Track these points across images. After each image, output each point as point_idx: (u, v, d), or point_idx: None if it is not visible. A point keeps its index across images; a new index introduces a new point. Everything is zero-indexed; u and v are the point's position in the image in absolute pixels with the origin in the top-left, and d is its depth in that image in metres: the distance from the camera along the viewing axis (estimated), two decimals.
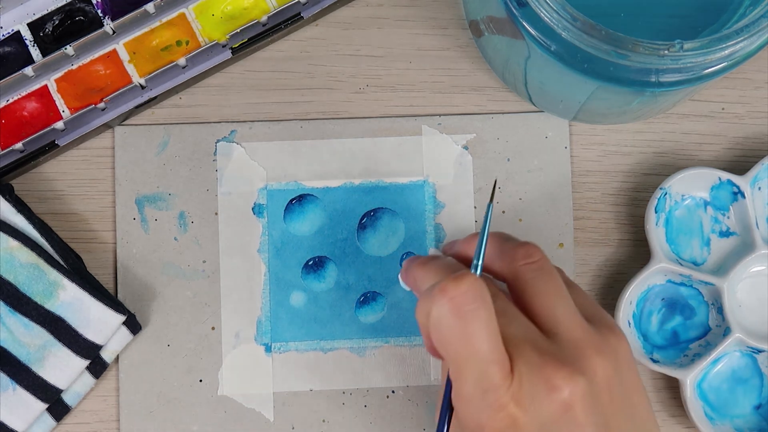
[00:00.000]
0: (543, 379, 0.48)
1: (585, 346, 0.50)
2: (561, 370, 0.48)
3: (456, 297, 0.48)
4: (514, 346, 0.49)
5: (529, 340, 0.50)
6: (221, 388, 0.66)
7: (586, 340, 0.50)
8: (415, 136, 0.67)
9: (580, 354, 0.50)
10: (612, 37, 0.52)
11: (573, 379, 0.48)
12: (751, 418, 0.65)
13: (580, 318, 0.51)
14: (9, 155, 0.65)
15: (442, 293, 0.49)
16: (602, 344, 0.51)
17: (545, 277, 0.52)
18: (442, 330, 0.49)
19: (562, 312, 0.51)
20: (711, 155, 0.68)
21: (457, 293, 0.48)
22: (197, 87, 0.67)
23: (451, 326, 0.49)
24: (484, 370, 0.48)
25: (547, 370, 0.48)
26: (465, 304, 0.48)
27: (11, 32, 0.65)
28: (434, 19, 0.68)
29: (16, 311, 0.63)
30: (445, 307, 0.49)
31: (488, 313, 0.48)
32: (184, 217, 0.66)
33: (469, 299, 0.48)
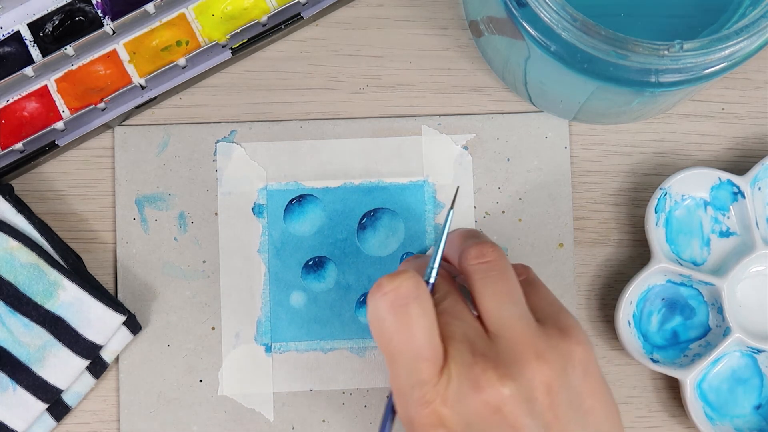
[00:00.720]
0: (470, 378, 0.49)
1: (525, 349, 0.50)
2: (489, 372, 0.49)
3: (390, 292, 0.50)
4: (451, 344, 0.50)
5: (467, 339, 0.50)
6: (221, 388, 0.66)
7: (528, 343, 0.50)
8: (414, 137, 0.67)
9: (517, 357, 0.50)
10: (612, 37, 0.52)
11: (502, 382, 0.49)
12: (751, 418, 0.65)
13: (527, 321, 0.51)
14: (9, 155, 0.65)
15: (378, 288, 0.50)
16: (546, 348, 0.50)
17: (495, 278, 0.52)
18: (377, 324, 0.50)
19: (508, 314, 0.51)
20: (711, 155, 0.68)
21: (390, 288, 0.50)
22: (197, 87, 0.67)
23: (385, 320, 0.50)
24: (414, 365, 0.49)
25: (476, 370, 0.49)
26: (399, 299, 0.50)
27: (11, 32, 0.65)
28: (434, 19, 0.68)
29: (16, 311, 0.63)
30: (380, 302, 0.50)
31: (422, 310, 0.50)
32: (184, 218, 0.66)
33: (402, 295, 0.50)
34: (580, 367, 0.51)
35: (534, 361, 0.50)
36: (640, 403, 0.67)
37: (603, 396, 0.52)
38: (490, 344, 0.51)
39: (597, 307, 0.67)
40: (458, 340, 0.50)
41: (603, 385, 0.52)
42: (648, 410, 0.67)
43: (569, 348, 0.51)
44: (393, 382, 0.51)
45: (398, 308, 0.50)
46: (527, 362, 0.50)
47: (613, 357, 0.67)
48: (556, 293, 0.65)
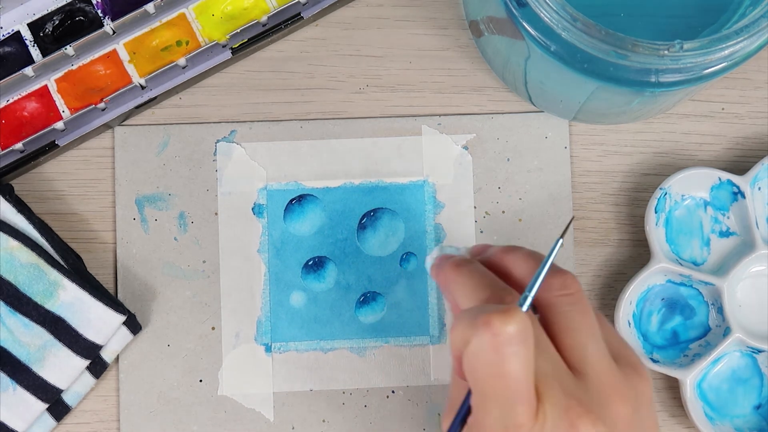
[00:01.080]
0: (567, 422, 0.47)
1: (611, 391, 0.49)
2: (585, 417, 0.47)
3: (501, 335, 0.46)
4: (543, 383, 0.48)
5: (558, 378, 0.49)
6: (221, 388, 0.66)
7: (612, 384, 0.49)
8: (414, 136, 0.67)
9: (605, 399, 0.49)
10: (612, 37, 0.52)
11: (596, 426, 0.47)
12: (751, 418, 0.65)
13: (609, 360, 0.50)
14: (9, 155, 0.65)
15: (487, 327, 0.47)
16: (627, 388, 0.50)
17: (580, 312, 0.51)
18: (478, 362, 0.47)
19: (593, 352, 0.50)
20: (711, 155, 0.68)
21: (503, 331, 0.46)
22: (197, 87, 0.67)
23: (488, 361, 0.47)
24: (511, 408, 0.47)
25: (572, 414, 0.47)
26: (509, 344, 0.46)
27: (11, 32, 0.65)
28: (434, 19, 0.68)
29: (17, 311, 0.63)
30: (487, 342, 0.47)
31: (529, 355, 0.47)
32: (184, 218, 0.66)
33: (514, 340, 0.46)
34: (647, 404, 0.51)
35: (620, 402, 0.49)
36: None
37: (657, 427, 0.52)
38: (578, 384, 0.49)
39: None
40: (550, 378, 0.48)
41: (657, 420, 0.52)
42: None
43: (641, 386, 0.51)
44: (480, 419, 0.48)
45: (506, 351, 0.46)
46: (614, 403, 0.49)
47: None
48: None
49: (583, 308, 0.51)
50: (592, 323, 0.51)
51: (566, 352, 0.50)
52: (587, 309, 0.51)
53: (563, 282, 0.51)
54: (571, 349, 0.50)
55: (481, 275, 0.52)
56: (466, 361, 0.48)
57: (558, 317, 0.51)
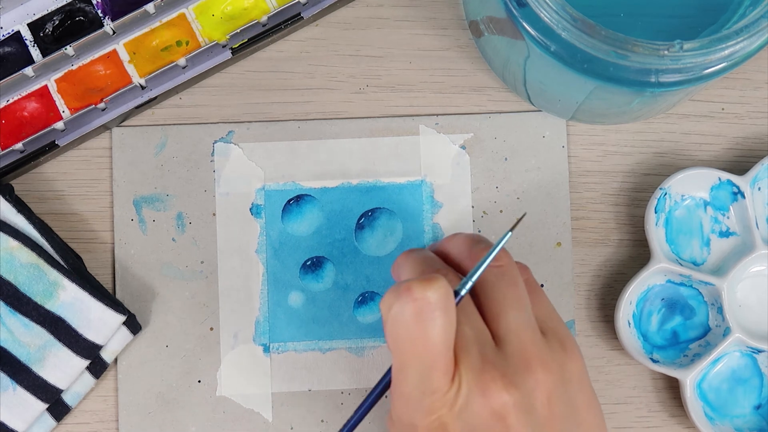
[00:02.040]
0: (480, 386, 0.49)
1: (530, 359, 0.50)
2: (499, 380, 0.49)
3: (420, 299, 0.48)
4: (461, 349, 0.49)
5: (478, 344, 0.50)
6: (220, 389, 0.66)
7: (534, 353, 0.50)
8: (412, 136, 0.67)
9: (523, 366, 0.50)
10: (612, 37, 0.52)
11: (508, 390, 0.49)
12: (751, 418, 0.65)
13: (534, 330, 0.51)
14: (9, 155, 0.65)
15: (408, 292, 0.49)
16: (549, 359, 0.51)
17: (506, 283, 0.52)
18: (398, 328, 0.49)
19: (516, 321, 0.51)
20: (711, 155, 0.68)
21: (421, 295, 0.48)
22: (197, 87, 0.68)
23: (407, 326, 0.49)
24: (427, 374, 0.48)
25: (486, 378, 0.49)
26: (427, 308, 0.48)
27: (11, 32, 0.65)
28: (434, 19, 0.68)
29: (16, 311, 0.63)
30: (407, 306, 0.49)
31: (448, 322, 0.49)
32: (181, 218, 0.66)
33: (432, 305, 0.48)
34: (576, 380, 0.52)
35: (540, 371, 0.50)
36: (640, 403, 0.67)
37: (595, 409, 0.52)
38: (497, 351, 0.50)
39: (597, 307, 0.67)
40: (470, 344, 0.50)
41: (595, 398, 0.53)
42: (648, 410, 0.67)
43: (568, 360, 0.52)
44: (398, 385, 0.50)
45: (425, 316, 0.48)
46: (532, 372, 0.50)
47: (613, 357, 0.67)
48: (554, 293, 0.66)
49: (511, 280, 0.52)
50: (520, 294, 0.52)
51: (491, 321, 0.52)
52: (516, 281, 0.52)
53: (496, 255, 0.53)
54: (496, 318, 0.51)
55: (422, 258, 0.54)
56: (388, 327, 0.49)
57: (486, 288, 0.52)
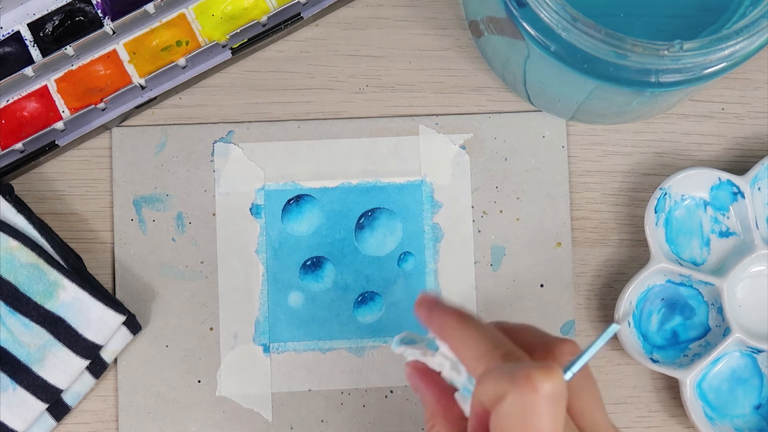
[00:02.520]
0: None
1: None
2: None
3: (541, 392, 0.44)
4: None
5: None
6: (220, 389, 0.66)
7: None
8: (412, 136, 0.67)
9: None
10: (612, 37, 0.52)
11: None
12: (751, 418, 0.65)
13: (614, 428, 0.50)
14: (9, 155, 0.65)
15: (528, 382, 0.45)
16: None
17: (588, 380, 0.50)
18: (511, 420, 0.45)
19: (600, 419, 0.50)
20: (711, 155, 0.68)
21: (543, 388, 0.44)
22: (197, 87, 0.68)
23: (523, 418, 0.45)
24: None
25: None
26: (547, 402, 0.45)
27: (11, 32, 0.65)
28: (434, 19, 0.68)
29: (16, 311, 0.63)
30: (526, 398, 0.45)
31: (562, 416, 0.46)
32: (181, 218, 0.66)
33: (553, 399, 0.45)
34: None
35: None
36: (640, 403, 0.67)
37: None
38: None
39: (597, 307, 0.67)
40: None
41: None
42: (648, 410, 0.67)
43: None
44: None
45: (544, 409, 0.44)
46: None
47: (613, 357, 0.67)
48: (554, 293, 0.66)
49: (590, 377, 0.50)
50: (598, 391, 0.50)
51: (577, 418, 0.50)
52: (593, 378, 0.50)
53: (572, 349, 0.50)
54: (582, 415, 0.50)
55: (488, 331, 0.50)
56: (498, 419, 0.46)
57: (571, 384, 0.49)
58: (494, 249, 0.67)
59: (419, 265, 0.66)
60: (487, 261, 0.67)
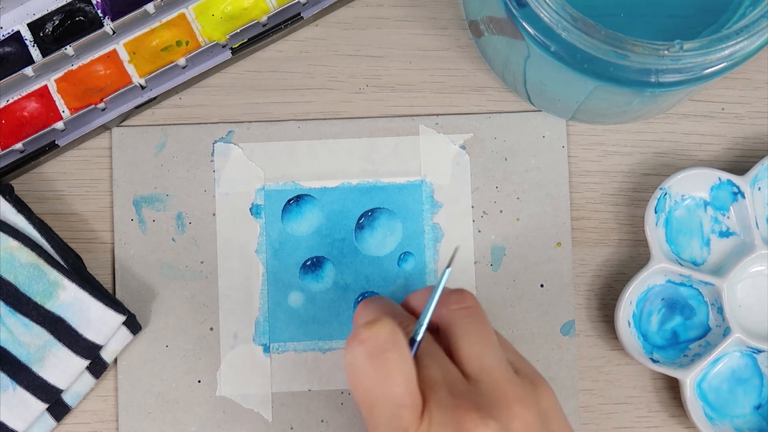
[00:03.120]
0: (453, 421, 0.48)
1: (505, 394, 0.50)
2: (472, 413, 0.48)
3: (368, 340, 0.49)
4: (430, 389, 0.49)
5: (446, 382, 0.50)
6: (220, 389, 0.66)
7: (509, 389, 0.50)
8: (412, 136, 0.67)
9: (499, 401, 0.50)
10: (612, 37, 0.52)
11: (484, 422, 0.48)
12: (751, 418, 0.65)
13: (506, 368, 0.51)
14: (9, 155, 0.65)
15: (355, 337, 0.50)
16: (524, 394, 0.50)
17: (476, 324, 0.52)
18: (355, 373, 0.50)
19: (488, 360, 0.51)
20: (711, 155, 0.68)
21: (368, 336, 0.49)
22: (197, 87, 0.68)
23: (363, 369, 0.50)
24: (394, 412, 0.49)
25: (459, 413, 0.48)
26: (378, 348, 0.49)
27: (11, 32, 0.65)
28: (434, 19, 0.68)
29: (16, 311, 0.63)
30: (358, 350, 0.50)
31: (401, 357, 0.49)
32: (181, 218, 0.66)
33: (381, 343, 0.49)
34: (552, 414, 0.52)
35: (515, 405, 0.50)
36: (640, 403, 0.67)
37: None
38: (470, 388, 0.50)
39: (597, 307, 0.67)
40: (438, 383, 0.50)
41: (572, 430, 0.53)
42: (648, 410, 0.67)
43: (542, 395, 0.52)
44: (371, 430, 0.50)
45: (377, 356, 0.49)
46: (509, 406, 0.49)
47: (613, 357, 0.67)
48: (554, 292, 0.66)
49: (478, 320, 0.52)
50: (488, 334, 0.52)
51: (463, 362, 0.51)
52: (483, 321, 0.53)
53: (460, 297, 0.53)
54: (467, 359, 0.51)
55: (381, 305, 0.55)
56: (349, 377, 0.51)
57: (455, 329, 0.52)
58: (494, 249, 0.67)
59: (419, 265, 0.66)
60: (487, 261, 0.67)
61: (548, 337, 0.66)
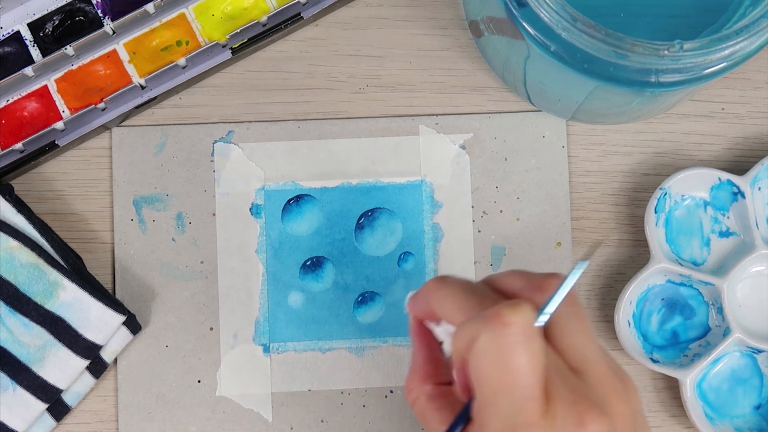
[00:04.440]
0: (575, 417, 0.46)
1: (610, 390, 0.48)
2: (594, 409, 0.47)
3: (511, 326, 0.45)
4: (550, 381, 0.47)
5: (560, 374, 0.48)
6: (220, 389, 0.66)
7: (612, 384, 0.49)
8: (412, 136, 0.67)
9: (606, 396, 0.48)
10: (612, 37, 0.52)
11: (601, 419, 0.47)
12: (751, 418, 0.65)
13: (607, 362, 0.50)
14: (9, 155, 0.65)
15: (497, 319, 0.45)
16: (623, 391, 0.49)
17: (577, 315, 0.50)
18: (486, 358, 0.46)
19: (592, 352, 0.49)
20: (711, 155, 0.68)
21: (513, 322, 0.45)
22: (197, 87, 0.68)
23: (498, 355, 0.46)
24: (520, 405, 0.46)
25: (579, 408, 0.47)
26: (519, 336, 0.45)
27: (11, 32, 0.65)
28: (434, 19, 0.68)
29: (16, 311, 0.63)
30: (497, 335, 0.45)
31: (540, 347, 0.46)
32: (181, 218, 0.66)
33: (525, 333, 0.45)
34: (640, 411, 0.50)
35: (618, 403, 0.48)
36: None
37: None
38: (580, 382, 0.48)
39: (597, 307, 0.67)
40: (555, 377, 0.48)
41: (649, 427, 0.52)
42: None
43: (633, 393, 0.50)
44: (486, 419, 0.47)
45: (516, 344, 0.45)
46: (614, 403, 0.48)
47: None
48: None
49: (579, 311, 0.50)
50: (589, 326, 0.50)
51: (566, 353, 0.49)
52: (584, 312, 0.50)
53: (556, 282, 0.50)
54: (572, 350, 0.49)
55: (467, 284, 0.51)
56: (473, 360, 0.47)
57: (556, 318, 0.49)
58: (494, 249, 0.67)
59: (419, 265, 0.66)
60: (487, 261, 0.67)
61: None
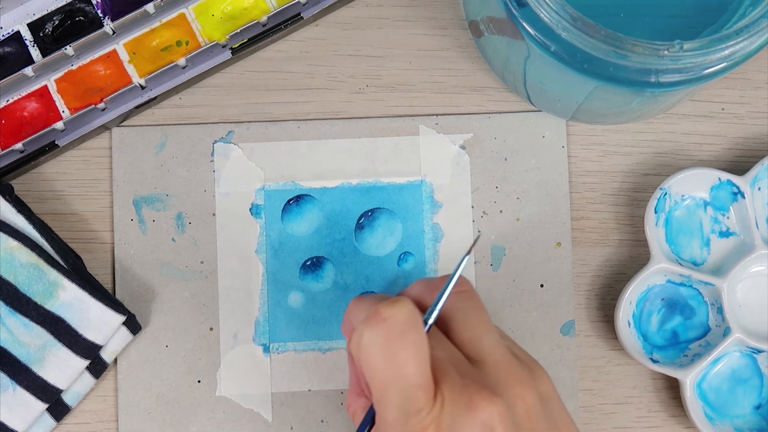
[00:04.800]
0: (464, 400, 0.49)
1: (507, 374, 0.50)
2: (483, 391, 0.49)
3: (390, 318, 0.49)
4: (439, 370, 0.49)
5: (453, 363, 0.50)
6: (219, 389, 0.66)
7: (509, 370, 0.51)
8: (412, 136, 0.67)
9: (502, 381, 0.50)
10: (612, 37, 0.52)
11: (492, 401, 0.49)
12: (751, 418, 0.65)
13: (505, 350, 0.52)
14: (9, 155, 0.65)
15: (376, 315, 0.49)
16: (524, 376, 0.51)
17: (474, 308, 0.53)
18: (372, 354, 0.49)
19: (489, 342, 0.52)
20: (711, 155, 0.68)
21: (390, 315, 0.49)
22: (197, 87, 0.68)
23: (381, 349, 0.49)
24: (409, 394, 0.48)
25: (468, 392, 0.49)
26: (399, 327, 0.49)
27: (11, 32, 0.65)
28: (434, 19, 0.68)
29: (16, 311, 0.63)
30: (377, 329, 0.49)
31: (420, 337, 0.49)
32: (181, 218, 0.66)
33: (402, 323, 0.49)
34: (551, 398, 0.52)
35: (517, 386, 0.50)
36: (640, 403, 0.67)
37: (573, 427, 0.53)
38: (474, 369, 0.51)
39: (597, 307, 0.67)
40: (446, 366, 0.50)
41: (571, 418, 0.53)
42: (648, 410, 0.67)
43: (540, 380, 0.52)
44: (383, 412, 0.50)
45: (397, 336, 0.49)
46: (511, 386, 0.50)
47: (613, 357, 0.67)
48: (554, 292, 0.66)
49: (476, 305, 0.53)
50: (487, 319, 0.53)
51: (464, 345, 0.52)
52: (481, 306, 0.53)
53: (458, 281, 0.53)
54: (468, 342, 0.52)
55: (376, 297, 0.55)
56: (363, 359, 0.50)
57: (453, 313, 0.52)
58: (494, 249, 0.67)
59: (419, 265, 0.66)
60: (487, 261, 0.67)
61: (548, 337, 0.66)
